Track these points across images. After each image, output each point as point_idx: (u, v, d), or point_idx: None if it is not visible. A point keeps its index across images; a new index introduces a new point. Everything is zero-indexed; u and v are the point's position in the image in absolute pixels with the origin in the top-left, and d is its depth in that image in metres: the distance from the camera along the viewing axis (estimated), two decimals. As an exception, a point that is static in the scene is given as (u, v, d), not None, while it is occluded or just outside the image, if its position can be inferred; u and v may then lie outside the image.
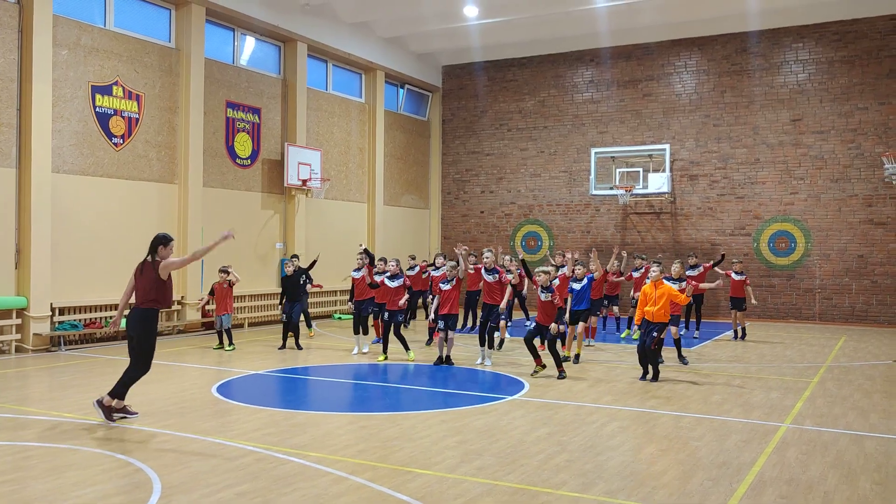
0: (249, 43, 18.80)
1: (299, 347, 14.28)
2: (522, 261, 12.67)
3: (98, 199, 14.86)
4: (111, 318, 14.89)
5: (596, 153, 21.65)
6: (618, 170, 21.48)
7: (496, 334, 13.42)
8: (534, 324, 11.45)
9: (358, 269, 13.82)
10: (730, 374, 11.83)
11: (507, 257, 16.37)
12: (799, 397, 10.07)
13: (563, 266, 13.84)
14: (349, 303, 14.01)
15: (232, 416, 8.59)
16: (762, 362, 13.09)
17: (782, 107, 20.82)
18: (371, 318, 14.10)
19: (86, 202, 14.66)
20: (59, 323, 14.07)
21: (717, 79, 21.59)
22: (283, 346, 14.36)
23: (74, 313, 14.46)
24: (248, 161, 18.36)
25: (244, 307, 18.07)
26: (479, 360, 12.49)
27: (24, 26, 13.60)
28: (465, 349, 13.84)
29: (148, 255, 8.34)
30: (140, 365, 8.28)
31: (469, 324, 16.86)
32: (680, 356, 12.63)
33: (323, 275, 17.98)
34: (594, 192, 21.76)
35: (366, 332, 13.78)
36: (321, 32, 20.14)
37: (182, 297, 16.29)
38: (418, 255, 21.99)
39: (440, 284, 12.58)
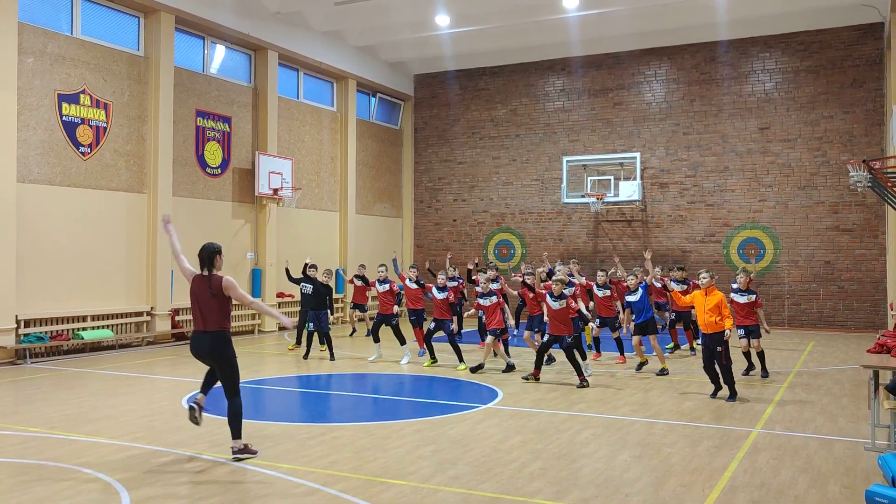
0: (220, 51, 18.66)
1: (332, 358, 14.23)
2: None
3: (65, 209, 14.62)
4: (78, 329, 14.69)
5: (567, 161, 21.80)
6: (589, 178, 21.65)
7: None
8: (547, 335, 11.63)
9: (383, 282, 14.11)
10: (701, 380, 11.91)
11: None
12: (769, 402, 10.18)
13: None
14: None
15: (202, 428, 8.46)
16: (732, 368, 13.17)
17: (750, 115, 21.11)
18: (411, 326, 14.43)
19: (52, 212, 14.42)
20: (25, 335, 13.79)
21: (687, 88, 21.84)
22: (307, 356, 14.54)
23: (40, 325, 14.19)
24: (219, 170, 18.19)
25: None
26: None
27: (-12, 34, 13.39)
28: (443, 358, 13.78)
29: (204, 269, 7.19)
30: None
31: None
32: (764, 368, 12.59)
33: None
34: (566, 201, 21.90)
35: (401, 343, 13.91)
36: (292, 41, 20.05)
37: (152, 307, 16.08)
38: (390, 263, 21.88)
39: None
